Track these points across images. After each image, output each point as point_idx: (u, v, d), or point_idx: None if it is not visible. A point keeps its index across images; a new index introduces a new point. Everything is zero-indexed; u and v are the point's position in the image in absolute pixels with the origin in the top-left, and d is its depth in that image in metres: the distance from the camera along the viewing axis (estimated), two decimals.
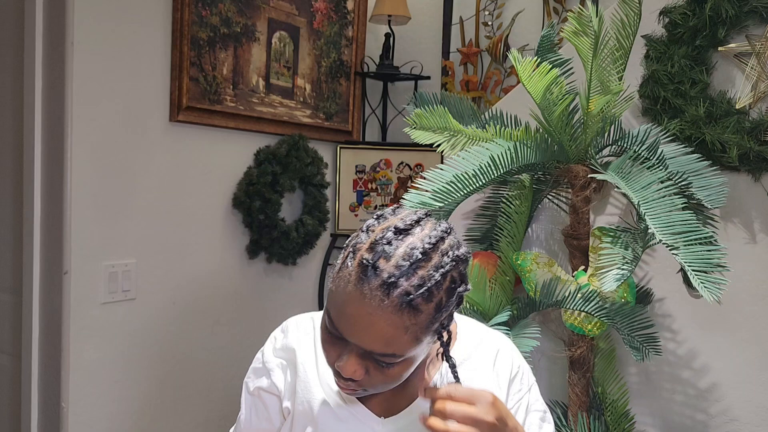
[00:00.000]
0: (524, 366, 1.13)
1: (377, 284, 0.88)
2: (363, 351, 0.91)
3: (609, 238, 1.62)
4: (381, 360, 0.92)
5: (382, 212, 0.98)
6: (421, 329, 0.90)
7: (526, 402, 1.08)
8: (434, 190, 1.53)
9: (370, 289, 0.88)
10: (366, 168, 2.98)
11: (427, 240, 0.91)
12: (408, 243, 0.90)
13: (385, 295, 0.87)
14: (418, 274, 0.89)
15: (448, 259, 0.91)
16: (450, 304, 0.93)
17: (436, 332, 0.94)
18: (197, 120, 2.35)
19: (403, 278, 0.88)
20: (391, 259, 0.89)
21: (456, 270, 0.93)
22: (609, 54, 1.66)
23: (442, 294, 0.91)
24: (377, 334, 0.89)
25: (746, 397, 1.84)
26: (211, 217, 2.47)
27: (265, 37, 2.58)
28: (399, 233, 0.91)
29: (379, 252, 0.89)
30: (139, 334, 2.24)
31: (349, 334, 0.91)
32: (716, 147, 1.78)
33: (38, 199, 2.06)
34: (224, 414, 2.49)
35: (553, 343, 1.95)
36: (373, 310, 0.88)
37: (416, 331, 0.90)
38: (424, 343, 0.93)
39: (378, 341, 0.89)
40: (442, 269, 0.90)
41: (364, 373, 0.93)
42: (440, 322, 0.93)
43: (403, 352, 0.91)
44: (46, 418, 2.10)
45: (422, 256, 0.89)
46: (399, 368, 0.93)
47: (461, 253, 0.94)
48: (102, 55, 2.07)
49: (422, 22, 3.18)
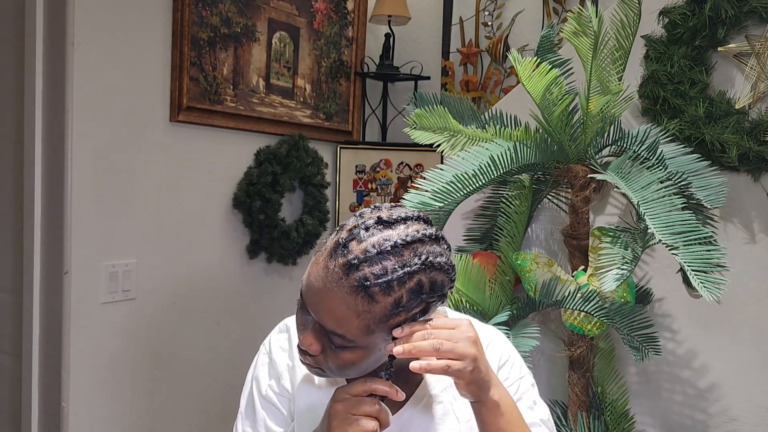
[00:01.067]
0: (515, 357, 1.13)
1: (341, 262, 0.91)
2: (320, 326, 0.95)
3: (609, 238, 1.62)
4: (334, 340, 0.94)
5: (382, 204, 1.01)
6: (374, 320, 0.92)
7: (515, 389, 1.08)
8: (434, 190, 1.53)
9: (334, 266, 0.92)
10: (366, 168, 2.99)
11: (403, 237, 0.93)
12: (384, 234, 0.93)
13: (345, 275, 0.91)
14: (382, 264, 0.91)
15: (418, 261, 0.92)
16: (410, 306, 0.93)
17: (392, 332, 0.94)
18: (197, 120, 2.35)
19: (365, 263, 0.90)
20: (362, 243, 0.92)
21: (425, 275, 0.93)
22: (609, 54, 1.66)
23: (403, 292, 0.91)
24: (330, 310, 0.92)
25: (746, 397, 1.84)
26: (211, 217, 2.47)
27: (266, 37, 2.58)
28: (380, 224, 0.94)
29: (354, 234, 0.93)
30: (140, 334, 2.24)
31: (309, 304, 0.95)
32: (716, 147, 1.78)
33: (38, 199, 2.06)
34: (224, 414, 2.49)
35: (553, 343, 1.96)
36: (332, 286, 0.91)
37: (368, 319, 0.91)
38: (377, 336, 0.94)
39: (330, 318, 0.92)
40: (408, 268, 0.91)
41: (319, 350, 0.96)
42: (398, 323, 0.93)
43: (354, 337, 0.93)
44: (46, 418, 2.10)
45: (392, 249, 0.91)
46: (352, 355, 0.95)
47: (438, 261, 0.94)
48: (102, 55, 2.07)
49: (422, 22, 3.19)
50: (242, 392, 1.17)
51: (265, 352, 1.15)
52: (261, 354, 1.16)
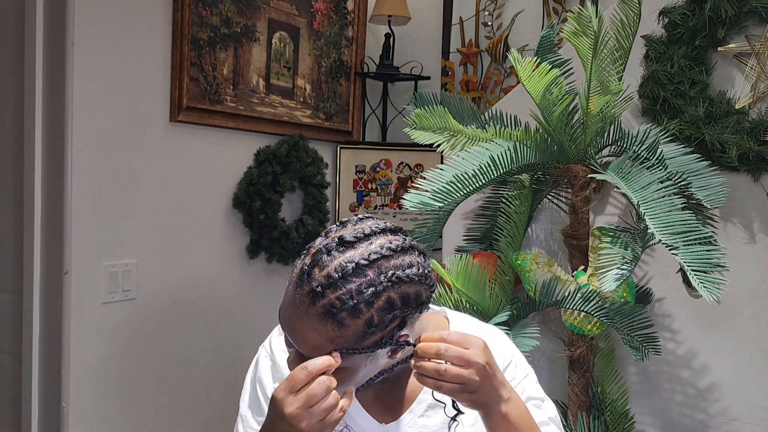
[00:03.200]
0: (518, 356, 1.13)
1: (306, 291, 0.90)
2: (302, 354, 0.93)
3: (608, 238, 1.62)
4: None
5: (348, 219, 0.98)
6: (349, 343, 0.91)
7: (521, 389, 1.08)
8: (434, 190, 1.53)
9: (300, 295, 0.91)
10: (366, 168, 2.99)
11: (366, 256, 0.91)
12: (346, 256, 0.91)
13: (311, 304, 0.90)
14: (346, 288, 0.89)
15: (384, 279, 0.90)
16: (384, 324, 0.91)
17: (381, 346, 0.93)
18: (197, 120, 2.35)
19: (329, 290, 0.89)
20: (324, 269, 0.90)
21: (395, 291, 0.91)
22: (609, 54, 1.66)
23: (373, 312, 0.90)
24: (303, 338, 0.92)
25: (746, 397, 1.84)
26: (211, 217, 2.47)
27: (265, 37, 2.58)
28: (342, 245, 0.92)
29: (316, 260, 0.91)
30: (139, 334, 2.24)
31: (285, 331, 0.95)
32: (716, 147, 1.78)
33: (38, 199, 2.06)
34: (224, 414, 2.49)
35: (553, 343, 1.96)
36: (301, 315, 0.91)
37: (342, 343, 0.90)
38: (357, 357, 0.92)
39: (305, 345, 0.92)
40: (373, 288, 0.89)
41: None
42: (375, 341, 0.92)
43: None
44: (46, 418, 2.10)
45: (353, 271, 0.89)
46: (337, 375, 0.92)
47: (407, 274, 0.92)
48: (102, 55, 2.07)
49: (422, 22, 3.19)
50: (241, 395, 1.16)
51: (266, 354, 1.14)
52: (261, 356, 1.15)
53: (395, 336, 0.94)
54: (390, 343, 0.93)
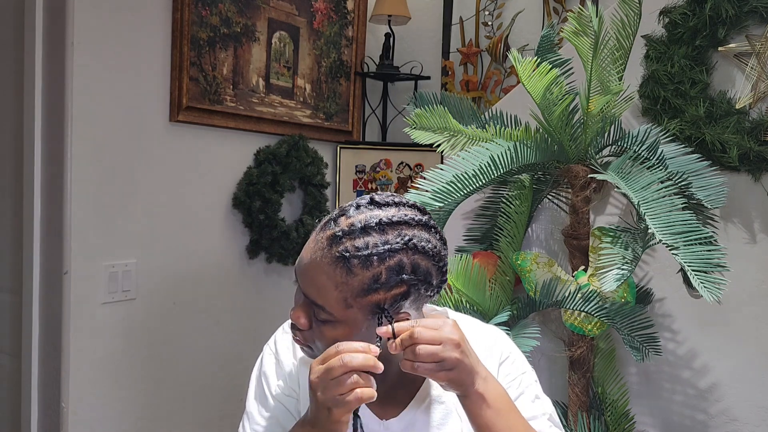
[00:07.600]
0: (516, 354, 1.14)
1: (328, 234, 0.96)
2: (307, 300, 0.98)
3: (609, 238, 1.62)
4: (318, 314, 0.97)
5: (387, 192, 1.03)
6: (352, 293, 0.94)
7: (516, 384, 1.09)
8: (434, 190, 1.53)
9: (321, 238, 0.97)
10: (366, 168, 2.99)
11: (390, 216, 0.96)
12: (373, 213, 0.96)
13: (329, 246, 0.95)
14: (364, 239, 0.94)
15: (401, 240, 0.94)
16: (389, 284, 0.94)
17: (373, 313, 0.95)
18: (197, 120, 2.35)
19: (348, 236, 0.94)
20: (350, 218, 0.96)
21: (407, 256, 0.94)
22: (609, 54, 1.66)
23: (383, 269, 0.93)
24: (312, 279, 0.96)
25: (746, 397, 1.84)
26: (211, 217, 2.47)
27: (265, 37, 2.58)
28: (372, 204, 0.98)
29: (344, 210, 0.98)
30: (139, 334, 2.24)
31: (298, 275, 1.00)
32: (716, 147, 1.78)
33: (38, 199, 2.06)
34: (224, 414, 2.49)
35: (553, 343, 1.95)
36: (316, 256, 0.96)
37: (346, 291, 0.94)
38: (356, 312, 0.95)
39: (312, 288, 0.96)
40: (388, 245, 0.94)
41: (307, 324, 0.99)
42: (377, 301, 0.94)
43: (333, 310, 0.95)
44: (46, 418, 2.10)
45: (375, 226, 0.94)
46: (334, 331, 0.96)
47: (423, 246, 0.96)
48: (102, 55, 2.07)
49: (422, 22, 3.19)
50: (247, 393, 1.16)
51: (271, 353, 1.15)
52: (266, 355, 1.16)
53: (396, 306, 0.96)
54: (389, 316, 0.95)
